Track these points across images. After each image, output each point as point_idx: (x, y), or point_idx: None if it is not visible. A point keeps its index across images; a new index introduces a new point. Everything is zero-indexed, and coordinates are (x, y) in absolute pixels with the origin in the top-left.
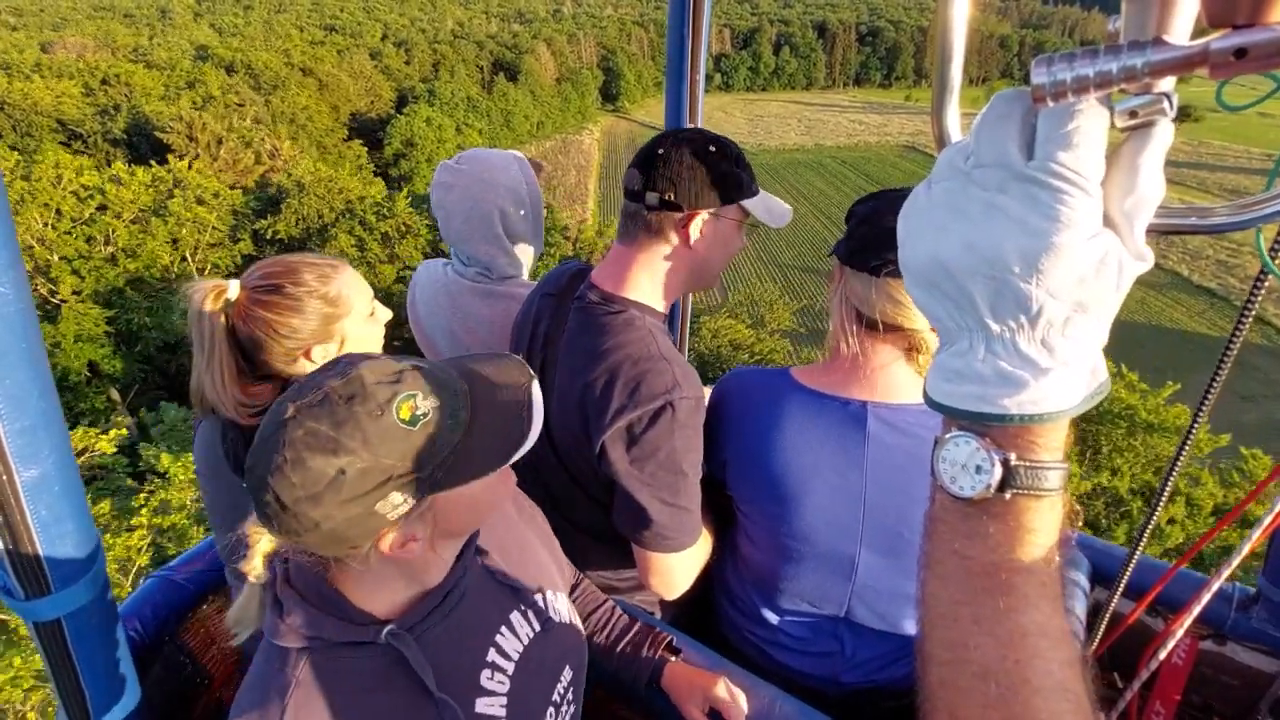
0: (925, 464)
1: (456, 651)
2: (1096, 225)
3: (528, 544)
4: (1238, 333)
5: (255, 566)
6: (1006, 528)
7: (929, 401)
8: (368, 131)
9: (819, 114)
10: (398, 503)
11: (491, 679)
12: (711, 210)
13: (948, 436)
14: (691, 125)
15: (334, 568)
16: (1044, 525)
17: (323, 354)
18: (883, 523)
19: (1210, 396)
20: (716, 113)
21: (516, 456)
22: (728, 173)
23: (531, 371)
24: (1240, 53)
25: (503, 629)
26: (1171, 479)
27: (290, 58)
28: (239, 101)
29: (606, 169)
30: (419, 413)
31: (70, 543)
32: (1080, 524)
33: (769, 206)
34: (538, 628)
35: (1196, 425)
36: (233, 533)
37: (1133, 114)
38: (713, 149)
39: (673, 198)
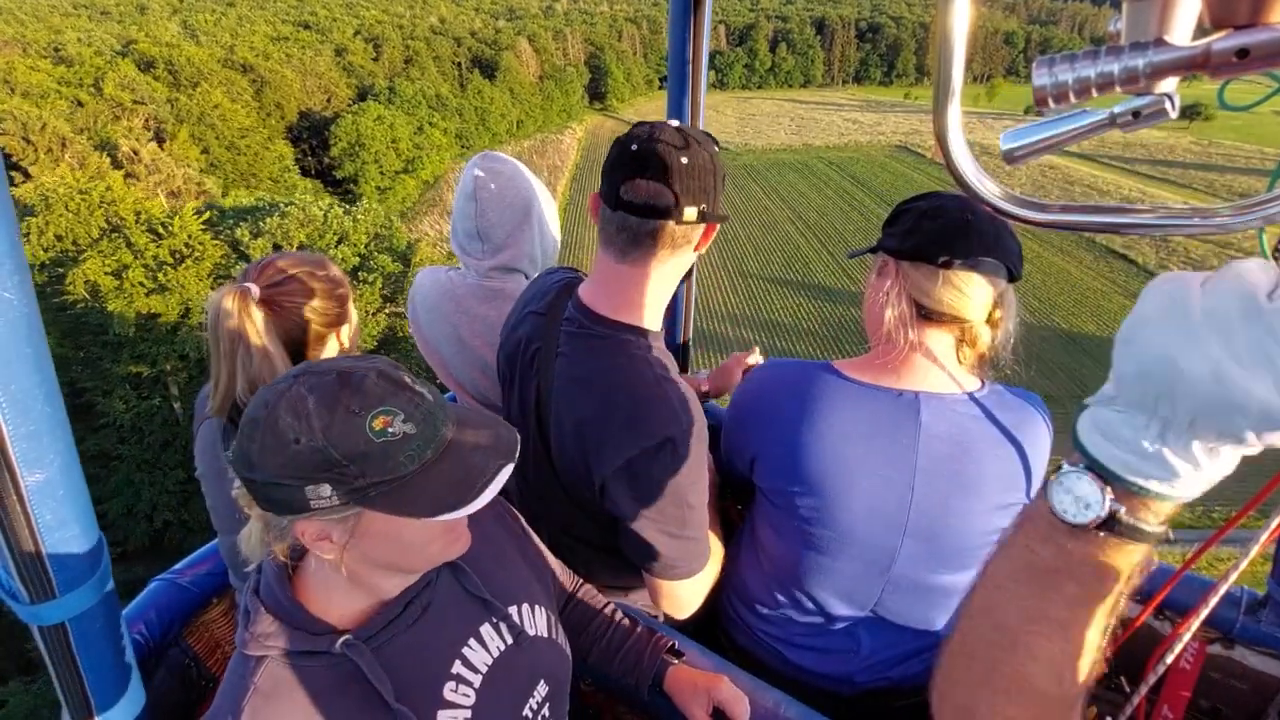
0: (971, 450)
1: (418, 663)
2: None
3: (506, 557)
4: None
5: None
6: (1081, 551)
7: (1080, 448)
8: (318, 131)
9: (813, 112)
10: (325, 495)
11: (455, 691)
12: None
13: (1070, 469)
14: (693, 125)
15: (295, 576)
16: (1116, 563)
17: (348, 332)
18: (929, 511)
19: None
20: (708, 111)
21: (447, 518)
22: (724, 173)
23: (514, 455)
24: (1242, 53)
25: (471, 641)
26: None
27: (233, 53)
28: (137, 99)
29: (582, 169)
30: (390, 430)
31: (75, 547)
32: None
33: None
34: (509, 641)
35: None
36: (236, 535)
37: (1135, 114)
38: (716, 149)
39: (709, 209)
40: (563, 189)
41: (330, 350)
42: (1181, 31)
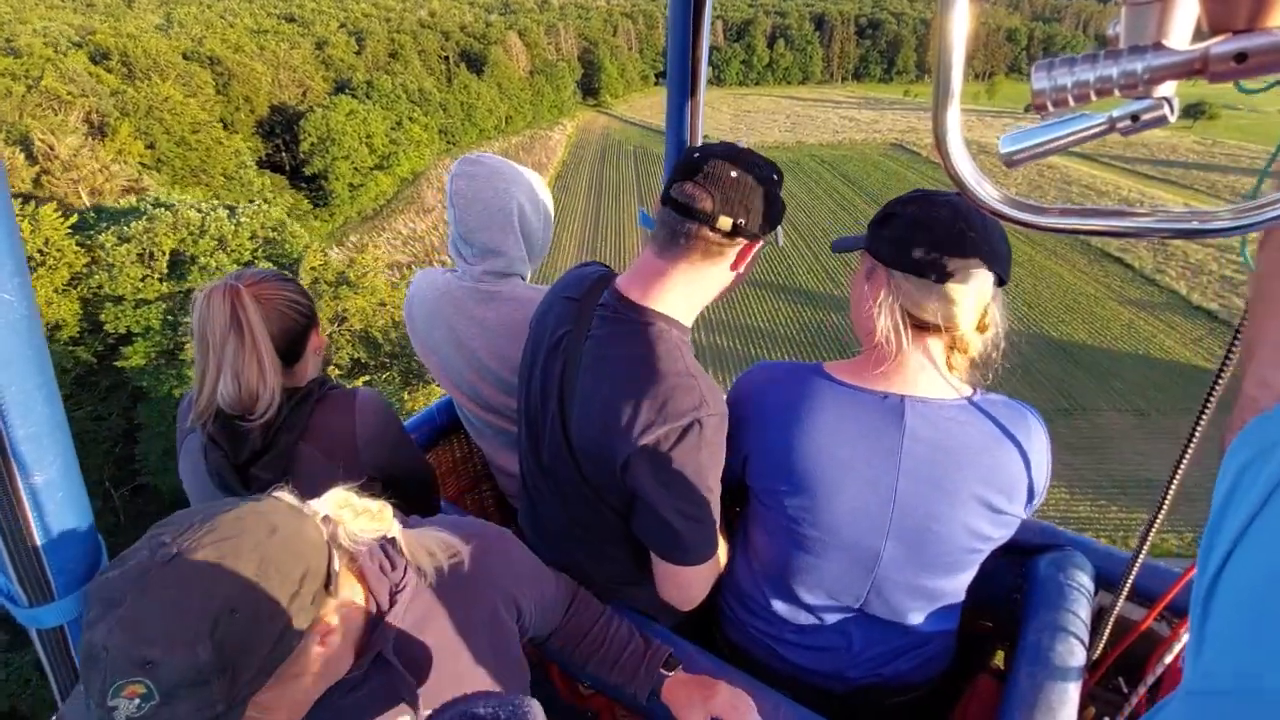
0: (956, 455)
1: None
2: None
3: (468, 655)
4: (1233, 350)
5: None
6: None
7: None
8: (291, 126)
9: (810, 110)
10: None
11: None
12: (765, 239)
13: None
14: (692, 124)
15: None
16: None
17: (320, 335)
18: (912, 515)
19: (1202, 422)
20: (704, 108)
21: None
22: (781, 202)
23: None
24: (1241, 57)
25: None
26: (1174, 485)
27: (201, 46)
28: (79, 92)
29: (568, 166)
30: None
31: (74, 549)
32: None
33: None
34: None
35: (1195, 439)
36: None
37: (1134, 118)
38: (776, 178)
39: (745, 225)
40: (546, 186)
41: (310, 349)
42: (1180, 35)
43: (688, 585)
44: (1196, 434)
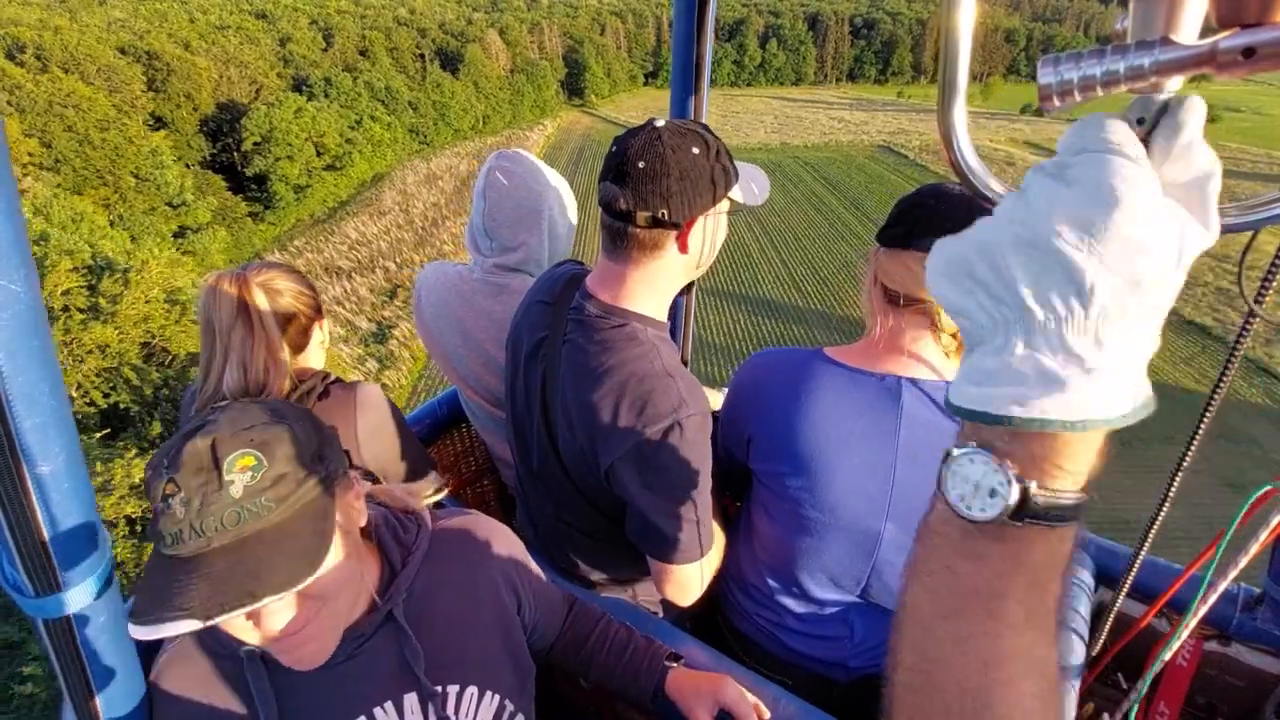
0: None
1: (317, 699)
2: (1157, 191)
3: (476, 635)
4: (1228, 370)
5: None
6: (1007, 553)
7: (953, 408)
8: (236, 125)
9: (800, 111)
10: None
11: None
12: (706, 214)
13: (959, 453)
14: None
15: None
16: (1049, 557)
17: (327, 326)
18: (909, 496)
19: (1191, 450)
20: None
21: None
22: (715, 171)
23: (215, 615)
24: (1248, 52)
25: (387, 705)
26: (1175, 483)
27: (142, 40)
28: None
29: None
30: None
31: (79, 540)
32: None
33: (749, 184)
34: None
35: (1182, 471)
36: None
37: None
38: (696, 151)
39: (667, 215)
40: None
41: (315, 341)
42: (1188, 30)
43: (684, 583)
44: (1184, 465)
